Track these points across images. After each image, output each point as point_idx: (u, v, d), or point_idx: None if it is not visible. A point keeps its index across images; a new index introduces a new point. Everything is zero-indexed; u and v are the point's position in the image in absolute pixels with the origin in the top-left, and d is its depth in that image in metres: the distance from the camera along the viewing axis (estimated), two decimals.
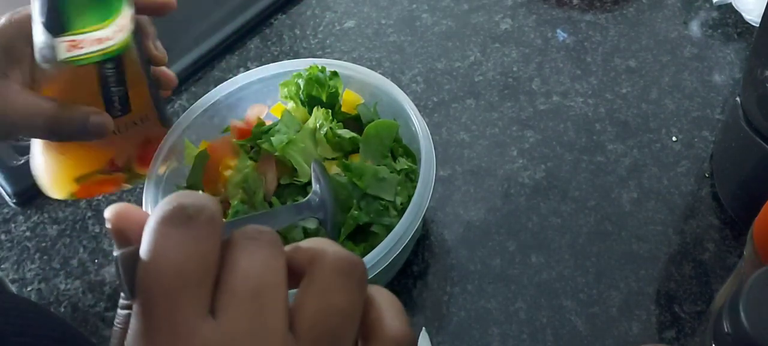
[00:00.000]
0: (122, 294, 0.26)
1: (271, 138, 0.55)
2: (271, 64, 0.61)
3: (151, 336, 0.24)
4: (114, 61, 0.47)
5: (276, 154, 0.55)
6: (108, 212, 0.27)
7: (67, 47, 0.45)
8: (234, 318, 0.25)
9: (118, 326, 0.26)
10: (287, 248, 0.28)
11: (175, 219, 0.25)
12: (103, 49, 0.46)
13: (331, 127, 0.56)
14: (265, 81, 0.61)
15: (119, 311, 0.26)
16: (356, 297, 0.27)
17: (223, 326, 0.25)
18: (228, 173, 0.56)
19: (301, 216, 0.48)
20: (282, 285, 0.26)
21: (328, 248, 0.27)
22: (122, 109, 0.51)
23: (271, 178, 0.55)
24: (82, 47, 0.45)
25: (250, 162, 0.55)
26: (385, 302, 0.28)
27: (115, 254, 0.25)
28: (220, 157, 0.57)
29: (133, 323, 0.25)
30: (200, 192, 0.26)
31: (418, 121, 0.55)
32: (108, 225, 0.26)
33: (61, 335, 0.46)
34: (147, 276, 0.24)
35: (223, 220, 0.26)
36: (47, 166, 0.55)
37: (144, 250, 0.25)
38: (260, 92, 0.62)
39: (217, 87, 0.61)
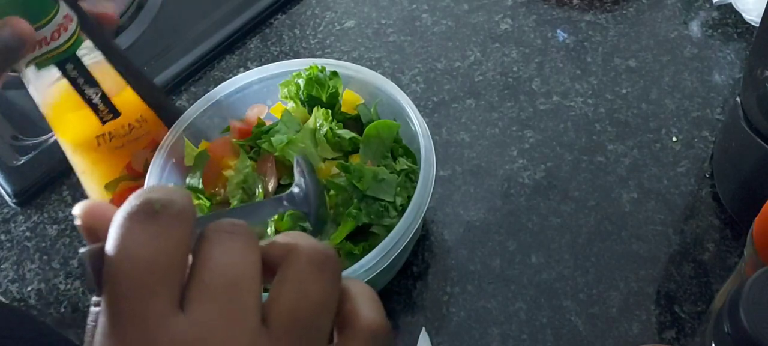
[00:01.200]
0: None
1: (271, 138, 0.55)
2: (271, 64, 0.61)
3: (117, 332, 0.24)
4: (72, 62, 0.49)
5: (276, 154, 0.55)
6: (77, 209, 0.26)
7: None
8: (204, 310, 0.24)
9: (91, 323, 0.26)
10: (262, 243, 0.27)
11: (141, 214, 0.24)
12: (51, 50, 0.48)
13: (331, 128, 0.56)
14: (265, 81, 0.61)
15: (92, 309, 0.26)
16: (330, 288, 0.27)
17: (193, 319, 0.24)
18: (228, 172, 0.56)
19: (282, 209, 0.48)
20: (255, 278, 0.26)
21: (302, 242, 0.27)
22: (110, 111, 0.53)
23: (271, 178, 0.55)
24: (31, 50, 0.48)
25: (250, 162, 0.55)
26: (360, 293, 0.28)
27: (81, 251, 0.25)
28: (220, 157, 0.57)
29: (101, 319, 0.24)
30: (172, 186, 0.26)
31: (418, 121, 0.55)
32: (77, 222, 0.26)
33: (38, 335, 0.46)
34: (112, 271, 0.24)
35: (198, 214, 0.26)
36: (82, 182, 0.60)
37: (109, 245, 0.24)
38: (260, 92, 0.61)
39: (217, 87, 0.61)
